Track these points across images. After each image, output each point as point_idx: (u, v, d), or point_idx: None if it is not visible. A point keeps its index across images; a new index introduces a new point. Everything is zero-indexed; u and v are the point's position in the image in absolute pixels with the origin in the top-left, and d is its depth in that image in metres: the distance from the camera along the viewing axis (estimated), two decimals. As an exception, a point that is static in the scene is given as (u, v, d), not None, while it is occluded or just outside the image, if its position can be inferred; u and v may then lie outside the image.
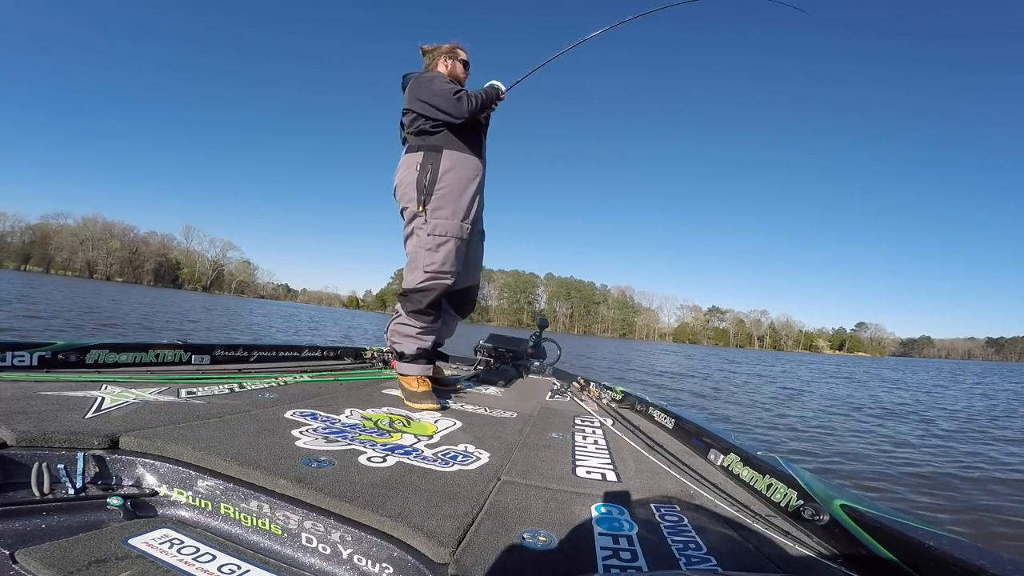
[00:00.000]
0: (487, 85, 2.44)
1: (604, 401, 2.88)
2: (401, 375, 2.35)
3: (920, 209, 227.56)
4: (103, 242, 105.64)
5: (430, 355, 2.62)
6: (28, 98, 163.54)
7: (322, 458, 1.30)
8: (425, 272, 2.32)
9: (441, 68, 2.52)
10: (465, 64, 2.57)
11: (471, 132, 2.40)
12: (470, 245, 2.51)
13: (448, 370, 3.65)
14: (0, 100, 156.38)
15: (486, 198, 2.59)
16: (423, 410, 2.14)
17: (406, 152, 2.38)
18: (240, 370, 2.61)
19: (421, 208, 2.30)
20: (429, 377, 2.40)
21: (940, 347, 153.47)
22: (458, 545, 0.95)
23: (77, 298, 19.85)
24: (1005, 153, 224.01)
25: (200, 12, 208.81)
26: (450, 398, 2.52)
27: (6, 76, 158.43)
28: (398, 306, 2.42)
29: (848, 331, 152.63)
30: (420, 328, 2.38)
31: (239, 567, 0.95)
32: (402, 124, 2.48)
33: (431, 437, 1.71)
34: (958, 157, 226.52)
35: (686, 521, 1.18)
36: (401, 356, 2.37)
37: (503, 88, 2.46)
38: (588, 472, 1.52)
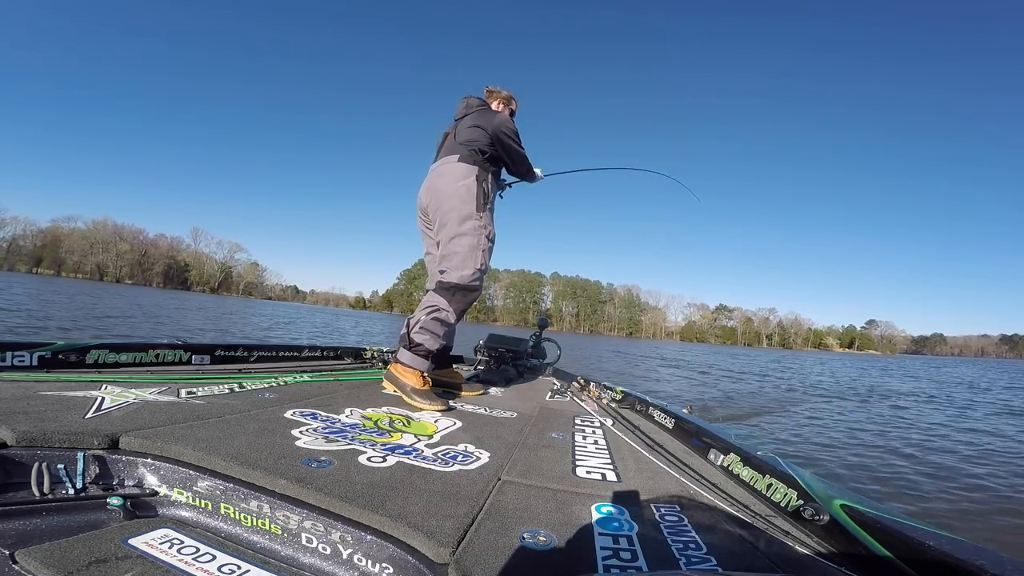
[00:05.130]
0: (536, 169, 2.86)
1: (604, 401, 2.88)
2: (404, 364, 2.33)
3: (931, 204, 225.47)
4: (113, 245, 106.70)
5: (438, 357, 2.66)
6: (34, 97, 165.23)
7: (322, 458, 1.30)
8: (478, 271, 2.44)
9: (498, 107, 2.79)
10: (512, 114, 2.83)
11: (499, 168, 2.71)
12: None
13: None
14: (8, 100, 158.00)
15: None
16: (429, 409, 2.14)
17: (459, 160, 2.52)
18: (240, 370, 2.62)
19: (480, 213, 2.48)
20: (442, 381, 2.55)
21: (953, 344, 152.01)
22: (458, 545, 0.95)
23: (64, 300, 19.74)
24: (1017, 147, 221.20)
25: (204, 8, 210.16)
26: (451, 398, 2.52)
27: (14, 75, 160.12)
28: (435, 300, 2.43)
29: (858, 329, 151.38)
30: (451, 328, 2.46)
31: (239, 567, 0.96)
32: (446, 134, 2.73)
33: (431, 437, 1.72)
34: (969, 151, 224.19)
35: (686, 521, 1.17)
36: (413, 347, 2.36)
37: (539, 175, 2.92)
38: (588, 472, 1.51)
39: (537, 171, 2.88)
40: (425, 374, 2.34)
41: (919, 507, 3.64)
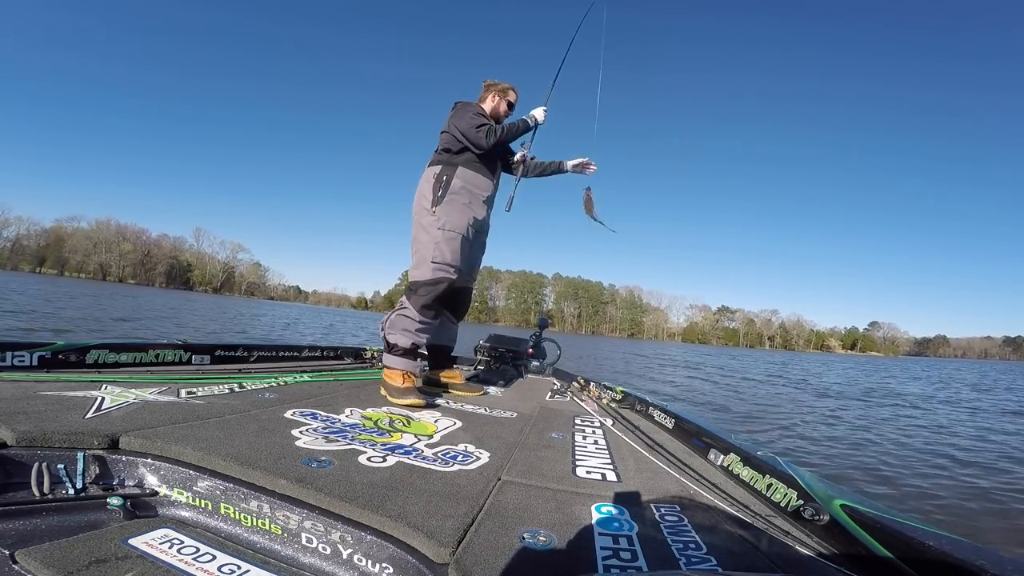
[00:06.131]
0: (525, 116, 2.66)
1: (604, 401, 2.88)
2: (387, 367, 2.38)
3: (935, 205, 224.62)
4: (116, 245, 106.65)
5: (436, 357, 2.70)
6: (36, 95, 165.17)
7: (322, 458, 1.30)
8: (433, 264, 2.44)
9: (488, 102, 2.73)
10: (510, 105, 2.76)
11: (485, 157, 2.61)
12: (472, 248, 2.66)
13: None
14: (11, 98, 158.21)
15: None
16: (402, 404, 2.15)
17: (428, 166, 2.58)
18: (240, 370, 2.63)
19: (434, 208, 2.47)
20: (442, 381, 2.57)
21: (956, 346, 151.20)
22: (458, 545, 0.95)
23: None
24: (1021, 147, 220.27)
25: (205, 6, 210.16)
26: (440, 395, 2.54)
27: (17, 73, 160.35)
28: (403, 299, 2.49)
29: (861, 330, 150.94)
30: (420, 324, 2.44)
31: (239, 567, 0.96)
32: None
33: (431, 437, 1.72)
34: (973, 152, 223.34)
35: (686, 521, 1.17)
36: (391, 348, 2.42)
37: (540, 118, 2.67)
38: (588, 472, 1.51)
39: (535, 113, 2.69)
40: (408, 372, 2.36)
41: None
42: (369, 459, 1.37)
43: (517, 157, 2.78)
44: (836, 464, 4.75)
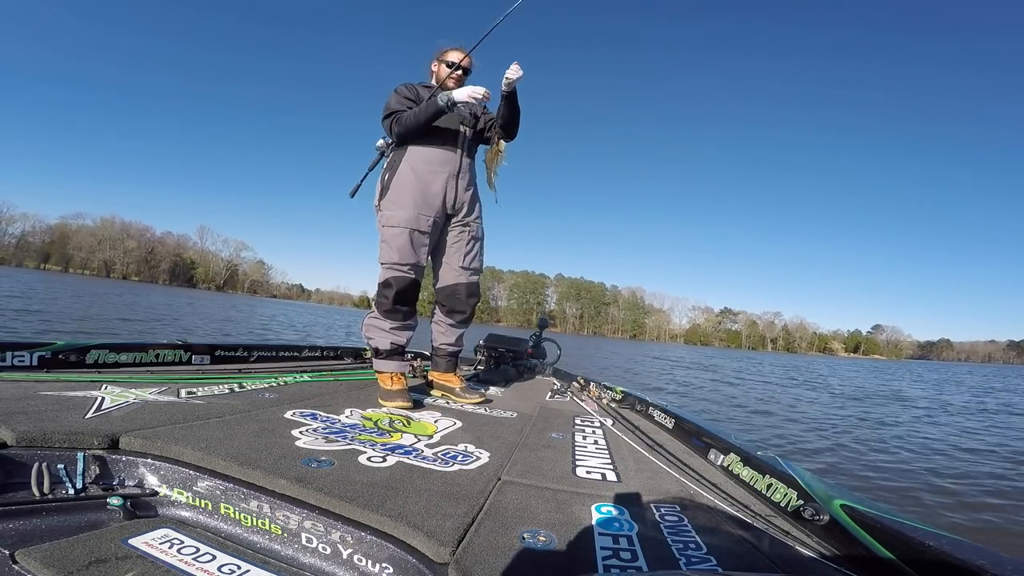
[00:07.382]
0: (438, 95, 2.28)
1: (604, 401, 2.87)
2: (377, 372, 2.38)
3: (938, 210, 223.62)
4: (120, 242, 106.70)
5: (435, 358, 2.67)
6: (42, 96, 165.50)
7: (322, 458, 1.31)
8: (381, 265, 2.36)
9: (433, 69, 2.57)
10: (450, 65, 2.47)
11: (438, 128, 2.38)
12: (443, 239, 2.51)
13: None
14: (18, 98, 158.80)
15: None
16: (394, 408, 2.12)
17: None
18: (240, 370, 2.63)
19: (378, 203, 2.37)
20: (442, 385, 2.55)
21: (960, 350, 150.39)
22: (458, 545, 0.95)
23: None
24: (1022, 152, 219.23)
25: (207, 9, 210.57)
26: (429, 396, 2.52)
27: (23, 74, 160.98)
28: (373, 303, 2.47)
29: (864, 333, 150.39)
30: (391, 325, 2.39)
31: (239, 567, 0.96)
32: None
33: (431, 437, 1.72)
34: (976, 157, 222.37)
35: (686, 521, 1.17)
36: (377, 353, 2.40)
37: (460, 98, 2.25)
38: (588, 472, 1.51)
39: (456, 93, 2.26)
40: (396, 374, 2.32)
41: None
42: (369, 459, 1.37)
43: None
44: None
